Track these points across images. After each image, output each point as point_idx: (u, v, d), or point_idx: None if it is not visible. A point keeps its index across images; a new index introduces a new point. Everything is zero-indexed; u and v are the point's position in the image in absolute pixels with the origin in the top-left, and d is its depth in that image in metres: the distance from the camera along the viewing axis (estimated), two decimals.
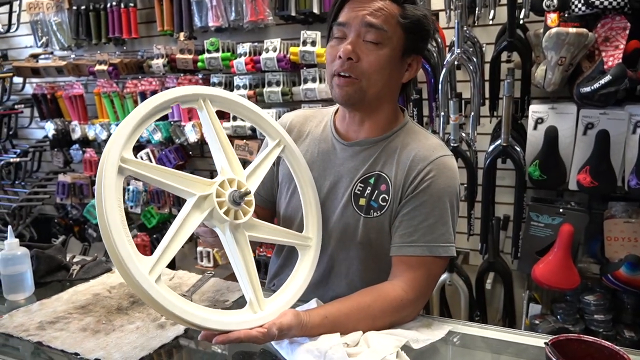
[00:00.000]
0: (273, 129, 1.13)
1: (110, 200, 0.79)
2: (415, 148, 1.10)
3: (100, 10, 2.70)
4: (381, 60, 1.03)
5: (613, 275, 1.82)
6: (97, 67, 2.68)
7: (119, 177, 0.82)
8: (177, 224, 0.87)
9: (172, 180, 0.90)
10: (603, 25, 1.72)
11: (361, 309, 0.97)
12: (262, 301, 0.91)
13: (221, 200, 0.92)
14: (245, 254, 0.93)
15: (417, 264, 1.03)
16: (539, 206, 1.94)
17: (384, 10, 1.02)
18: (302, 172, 1.14)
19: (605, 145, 1.77)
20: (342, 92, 1.05)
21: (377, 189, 1.09)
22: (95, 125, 2.81)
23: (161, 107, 0.93)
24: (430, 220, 1.04)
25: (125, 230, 0.79)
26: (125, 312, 1.07)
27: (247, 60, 2.29)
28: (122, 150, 0.84)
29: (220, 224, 0.93)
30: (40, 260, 1.22)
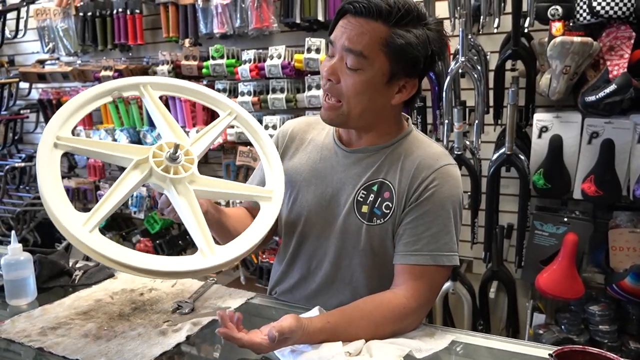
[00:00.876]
0: (222, 103, 1.17)
1: (43, 170, 0.90)
2: (420, 156, 1.09)
3: (107, 17, 2.72)
4: (358, 86, 1.01)
5: (618, 285, 1.80)
6: (102, 73, 2.69)
7: (56, 152, 0.94)
8: (115, 183, 0.95)
9: (109, 149, 1.00)
10: (608, 34, 1.72)
11: (363, 316, 0.96)
12: (212, 247, 0.94)
13: (159, 160, 0.98)
14: (193, 206, 0.97)
15: (421, 273, 1.02)
16: (543, 215, 1.94)
17: (366, 34, 0.98)
18: (258, 134, 1.15)
19: (610, 154, 1.76)
20: (325, 115, 1.08)
21: (380, 197, 1.08)
22: (100, 130, 2.82)
23: (101, 95, 1.04)
24: (434, 229, 1.03)
25: (59, 193, 0.90)
26: (127, 318, 1.07)
27: (251, 67, 2.30)
28: (57, 131, 0.96)
29: (162, 183, 0.98)
30: (43, 265, 1.22)
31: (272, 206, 1.07)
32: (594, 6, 1.65)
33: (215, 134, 1.12)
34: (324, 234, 1.14)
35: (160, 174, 0.97)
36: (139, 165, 0.98)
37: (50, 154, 0.93)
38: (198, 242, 0.94)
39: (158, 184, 0.99)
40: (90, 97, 1.03)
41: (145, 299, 1.17)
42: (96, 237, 0.87)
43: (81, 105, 1.02)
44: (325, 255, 1.14)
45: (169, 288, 1.23)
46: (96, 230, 0.89)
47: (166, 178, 0.98)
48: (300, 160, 1.20)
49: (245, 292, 1.22)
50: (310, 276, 1.17)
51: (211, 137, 1.11)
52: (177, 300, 1.14)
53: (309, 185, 1.17)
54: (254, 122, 1.17)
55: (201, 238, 0.95)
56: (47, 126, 0.97)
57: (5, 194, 3.15)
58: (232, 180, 2.51)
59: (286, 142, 1.24)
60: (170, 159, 0.99)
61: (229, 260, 0.95)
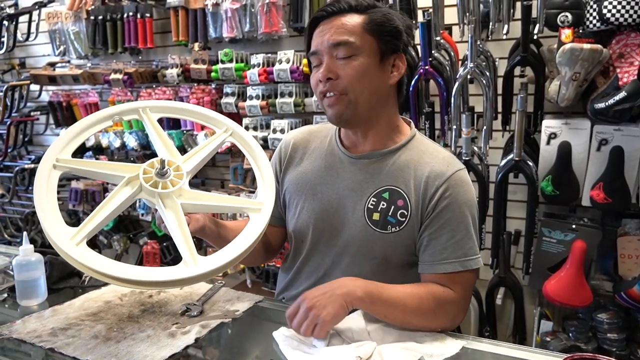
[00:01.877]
0: (217, 121, 1.22)
1: (39, 189, 0.98)
2: (430, 163, 1.10)
3: (117, 20, 2.74)
4: (358, 69, 1.05)
5: (627, 293, 1.79)
6: (112, 76, 2.72)
7: (54, 172, 1.02)
8: (106, 199, 1.01)
9: (103, 168, 1.07)
10: (618, 41, 1.72)
11: (408, 287, 1.01)
12: (195, 257, 0.97)
13: (148, 176, 1.04)
14: (179, 218, 1.01)
15: (453, 279, 1.04)
16: (551, 222, 1.93)
17: (346, 24, 1.05)
18: (253, 149, 1.18)
19: (619, 161, 1.75)
20: (333, 111, 1.08)
21: (393, 204, 1.09)
22: (109, 133, 2.84)
23: (102, 120, 1.13)
24: (458, 236, 1.05)
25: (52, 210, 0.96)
26: (136, 320, 1.08)
27: (260, 71, 2.31)
28: (57, 153, 1.04)
29: (152, 198, 1.03)
30: (54, 266, 1.23)
31: (260, 217, 1.07)
32: (604, 13, 1.65)
33: (208, 151, 1.15)
34: (332, 241, 1.15)
35: (149, 189, 1.02)
36: (130, 182, 1.04)
37: (49, 174, 1.01)
38: (182, 253, 0.97)
39: (148, 199, 1.04)
40: (92, 122, 1.12)
41: (154, 301, 1.17)
42: (83, 250, 0.92)
43: (83, 129, 1.11)
44: (334, 263, 1.14)
45: (177, 290, 1.24)
46: (83, 243, 0.94)
47: (154, 193, 1.02)
48: (305, 169, 1.21)
49: (253, 295, 1.22)
50: (318, 284, 1.17)
51: (204, 154, 1.15)
52: (185, 302, 1.15)
53: (315, 193, 1.17)
54: (250, 138, 1.21)
55: (185, 249, 0.98)
56: (49, 149, 1.05)
57: (14, 195, 3.17)
58: (240, 184, 2.53)
59: (289, 153, 1.24)
60: (159, 174, 1.04)
61: (211, 270, 0.96)
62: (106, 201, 1.01)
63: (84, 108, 2.95)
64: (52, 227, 0.94)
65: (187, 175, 1.09)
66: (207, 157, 1.17)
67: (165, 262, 2.77)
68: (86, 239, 0.95)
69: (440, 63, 1.94)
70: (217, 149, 1.20)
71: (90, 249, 0.94)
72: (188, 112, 1.23)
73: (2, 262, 1.42)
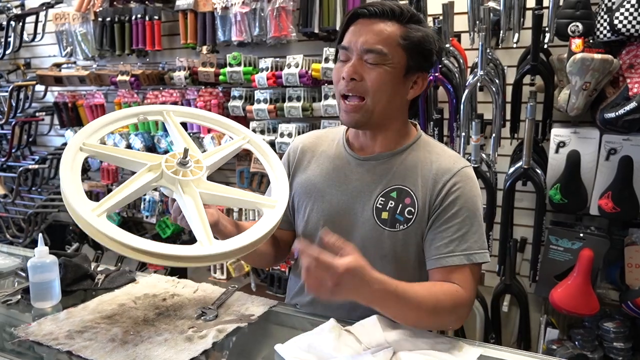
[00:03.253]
0: (235, 129, 1.28)
1: (65, 167, 1.01)
2: (436, 161, 1.13)
3: (125, 22, 2.75)
4: (382, 78, 1.06)
5: (634, 302, 1.80)
6: (119, 78, 2.72)
7: (80, 154, 1.06)
8: (128, 180, 1.04)
9: (126, 155, 1.12)
10: (628, 52, 1.73)
11: (424, 287, 1.00)
12: (211, 239, 1.01)
13: (170, 164, 1.08)
14: (197, 204, 1.05)
15: (459, 273, 1.05)
16: (558, 230, 1.93)
17: (384, 32, 1.05)
18: (268, 155, 1.23)
19: (628, 171, 1.76)
20: (349, 117, 1.10)
21: (401, 203, 1.10)
22: (115, 134, 2.83)
23: (129, 116, 1.19)
24: (464, 229, 1.06)
25: (76, 185, 1.00)
26: (151, 323, 1.08)
27: (269, 75, 2.31)
28: (85, 139, 1.08)
29: (171, 185, 1.07)
30: (68, 268, 1.22)
31: (274, 212, 1.12)
32: (615, 24, 1.66)
33: (227, 152, 1.22)
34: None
35: (170, 176, 1.06)
36: (151, 169, 1.08)
37: (75, 155, 1.05)
38: (198, 235, 1.01)
39: (167, 186, 1.08)
40: (120, 117, 1.18)
41: (168, 305, 1.17)
42: (103, 221, 0.96)
43: (110, 122, 1.16)
44: None
45: (191, 294, 1.24)
46: (104, 216, 0.97)
47: (175, 180, 1.06)
48: (313, 172, 1.22)
49: (267, 299, 1.22)
50: None
51: (223, 154, 1.21)
52: (200, 306, 1.15)
53: (324, 195, 1.18)
54: (265, 145, 1.27)
55: (202, 231, 1.01)
56: (77, 134, 1.10)
57: (18, 195, 3.16)
58: (246, 187, 2.54)
59: (298, 157, 1.27)
60: (180, 163, 1.09)
61: (225, 252, 1.00)
62: (128, 182, 1.04)
63: (89, 109, 2.95)
64: (75, 199, 0.97)
65: (207, 169, 1.13)
66: (226, 157, 1.22)
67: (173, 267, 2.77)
68: (106, 213, 0.98)
69: (449, 70, 1.95)
70: (235, 152, 1.25)
71: (110, 222, 0.97)
72: (209, 119, 1.28)
73: (13, 264, 1.41)
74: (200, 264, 1.02)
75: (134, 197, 1.06)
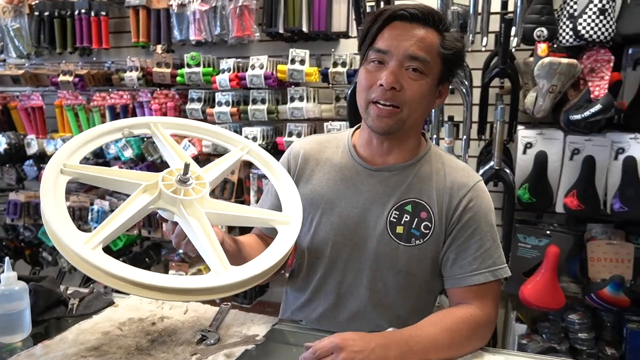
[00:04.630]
0: (233, 140, 1.18)
1: (46, 194, 0.89)
2: (450, 174, 1.09)
3: (66, 18, 2.53)
4: (423, 89, 1.02)
5: (597, 294, 1.89)
6: (61, 78, 2.50)
7: (62, 177, 0.94)
8: (123, 204, 0.93)
9: (115, 175, 0.99)
10: (589, 57, 1.82)
11: (433, 323, 0.97)
12: (227, 266, 0.91)
13: (168, 183, 0.97)
14: (205, 227, 0.94)
15: (483, 291, 1.03)
16: (526, 228, 2.00)
17: (426, 40, 1.00)
18: (270, 165, 1.15)
19: (591, 170, 1.85)
20: (381, 122, 1.03)
21: (417, 217, 1.06)
22: (56, 139, 2.60)
23: (112, 131, 1.07)
24: (486, 245, 1.04)
25: (62, 215, 0.88)
26: (147, 352, 0.97)
27: (231, 76, 2.21)
28: (65, 160, 0.96)
29: (172, 206, 0.96)
30: (39, 295, 1.08)
31: (291, 230, 1.03)
32: (579, 30, 1.74)
33: (228, 165, 1.11)
34: (353, 257, 1.10)
35: (170, 196, 0.95)
36: (147, 190, 0.97)
37: (56, 179, 0.93)
38: (211, 263, 0.91)
39: (167, 207, 0.96)
40: (101, 132, 1.06)
41: (159, 329, 1.06)
42: (99, 254, 0.84)
43: (91, 139, 1.04)
44: (357, 279, 1.10)
45: (181, 316, 1.13)
46: (99, 248, 0.86)
47: (176, 200, 0.95)
48: (319, 182, 1.15)
49: (265, 317, 1.14)
50: (341, 302, 1.12)
51: (224, 167, 1.11)
52: (197, 329, 1.05)
53: (332, 207, 1.12)
54: (266, 154, 1.18)
55: (215, 258, 0.91)
56: (55, 154, 0.98)
57: None
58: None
59: (300, 165, 1.18)
60: (180, 181, 0.98)
61: (245, 280, 0.90)
62: (122, 207, 0.93)
63: (24, 112, 2.69)
64: (63, 231, 0.85)
65: (209, 185, 1.02)
66: (227, 170, 1.12)
67: None
68: (102, 245, 0.87)
69: None
70: (235, 165, 1.16)
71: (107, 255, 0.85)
72: (202, 130, 1.17)
73: None
74: (217, 295, 0.91)
75: (130, 224, 0.93)
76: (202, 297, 0.90)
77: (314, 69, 2.14)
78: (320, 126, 2.27)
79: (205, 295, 0.89)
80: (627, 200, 1.81)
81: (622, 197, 1.80)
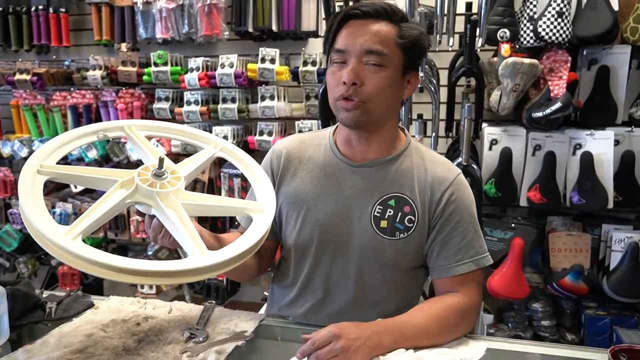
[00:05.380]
0: (205, 138, 1.20)
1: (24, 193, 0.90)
2: (430, 168, 1.13)
3: (22, 14, 2.42)
4: (383, 82, 1.04)
5: (558, 283, 1.99)
6: (17, 77, 2.39)
7: (38, 177, 0.95)
8: (100, 199, 0.95)
9: (91, 173, 1.02)
10: (548, 57, 1.91)
11: (422, 309, 1.02)
12: (204, 250, 0.94)
13: (144, 178, 0.99)
14: (181, 216, 0.97)
15: (467, 279, 1.07)
16: (493, 222, 2.08)
17: (381, 33, 1.03)
18: (244, 161, 1.17)
19: (552, 165, 1.95)
20: (349, 115, 1.06)
21: (400, 211, 1.09)
22: (13, 141, 2.49)
23: (86, 134, 1.08)
24: (468, 236, 1.08)
25: (40, 209, 0.89)
26: (136, 352, 0.95)
27: (200, 75, 2.19)
28: (41, 161, 0.98)
29: (149, 200, 0.98)
30: (17, 299, 1.03)
31: (264, 217, 1.06)
32: (539, 32, 1.83)
33: (202, 161, 1.14)
34: (339, 252, 1.12)
35: (146, 189, 0.98)
36: (124, 185, 0.99)
37: (33, 179, 0.95)
38: (189, 248, 0.94)
39: (144, 201, 0.99)
40: (76, 136, 1.07)
41: (145, 329, 1.04)
42: (80, 244, 0.87)
43: (66, 142, 1.05)
44: (344, 274, 1.12)
45: (166, 315, 1.12)
46: (79, 239, 0.88)
47: (152, 193, 0.98)
48: (303, 180, 1.17)
49: (251, 313, 1.14)
50: (328, 297, 1.14)
51: (198, 163, 1.13)
52: (184, 327, 1.04)
53: (317, 204, 1.13)
54: (240, 151, 1.20)
55: (192, 242, 0.94)
56: (31, 156, 0.99)
57: None
58: None
59: (283, 164, 1.19)
60: (156, 175, 1.00)
61: (221, 262, 0.93)
62: (100, 201, 0.95)
63: None
64: (43, 225, 0.86)
65: (184, 179, 1.05)
66: (201, 166, 1.14)
67: (87, 284, 2.50)
68: (81, 236, 0.89)
69: None
70: (209, 161, 1.18)
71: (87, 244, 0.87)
72: (175, 130, 1.20)
73: None
74: (196, 277, 0.93)
75: (108, 217, 0.96)
76: (181, 279, 0.93)
77: (285, 67, 2.15)
78: (291, 125, 2.28)
79: (185, 278, 0.92)
80: (584, 193, 1.91)
81: (580, 190, 1.91)
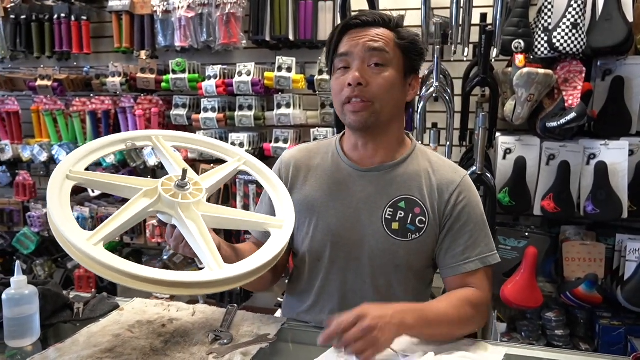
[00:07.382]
0: (229, 151, 1.24)
1: (52, 197, 0.94)
2: (437, 170, 1.17)
3: (44, 22, 2.48)
4: (388, 80, 1.09)
5: (572, 292, 1.99)
6: (39, 82, 2.45)
7: (67, 182, 0.99)
8: (124, 207, 0.98)
9: (118, 181, 1.05)
10: (562, 67, 1.93)
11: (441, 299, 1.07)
12: (220, 263, 0.96)
13: (167, 188, 1.02)
14: (200, 228, 1.00)
15: (477, 276, 1.11)
16: (506, 230, 2.09)
17: (381, 34, 1.09)
18: (265, 174, 1.20)
19: (566, 174, 1.96)
20: (357, 117, 1.09)
21: (411, 212, 1.12)
22: (33, 145, 2.54)
23: (115, 143, 1.12)
24: (475, 235, 1.12)
25: (66, 215, 0.93)
26: (164, 352, 0.98)
27: (218, 82, 2.23)
28: (70, 167, 1.02)
29: (170, 209, 1.01)
30: (47, 299, 1.07)
31: (283, 233, 1.08)
32: (554, 42, 1.85)
33: (225, 174, 1.17)
34: (352, 255, 1.15)
35: (169, 200, 1.00)
36: (147, 194, 1.02)
37: (62, 184, 0.99)
38: (206, 259, 0.96)
39: (166, 211, 1.02)
40: (106, 144, 1.11)
41: (171, 331, 1.07)
42: (101, 250, 0.89)
43: (95, 149, 1.09)
44: (359, 277, 1.15)
45: (190, 318, 1.14)
46: (101, 245, 0.91)
47: (174, 203, 1.00)
48: (312, 188, 1.20)
49: (274, 317, 1.17)
50: (346, 301, 1.16)
51: (221, 176, 1.16)
52: (209, 330, 1.07)
53: (327, 209, 1.17)
54: (263, 166, 1.23)
55: (209, 254, 0.97)
56: (61, 162, 1.03)
57: None
58: None
59: (292, 173, 1.23)
60: (178, 186, 1.03)
61: (237, 276, 0.95)
62: (124, 209, 0.99)
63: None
64: (67, 229, 0.90)
65: (206, 191, 1.08)
66: (224, 178, 1.17)
67: (103, 287, 2.53)
68: (103, 242, 0.92)
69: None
70: (232, 174, 1.21)
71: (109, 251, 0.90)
72: (200, 142, 1.24)
73: None
74: (211, 290, 0.96)
75: (130, 224, 0.99)
76: (197, 290, 0.95)
77: (301, 76, 2.19)
78: (306, 132, 2.31)
79: (200, 289, 0.95)
80: (599, 203, 1.92)
81: (594, 199, 1.92)
